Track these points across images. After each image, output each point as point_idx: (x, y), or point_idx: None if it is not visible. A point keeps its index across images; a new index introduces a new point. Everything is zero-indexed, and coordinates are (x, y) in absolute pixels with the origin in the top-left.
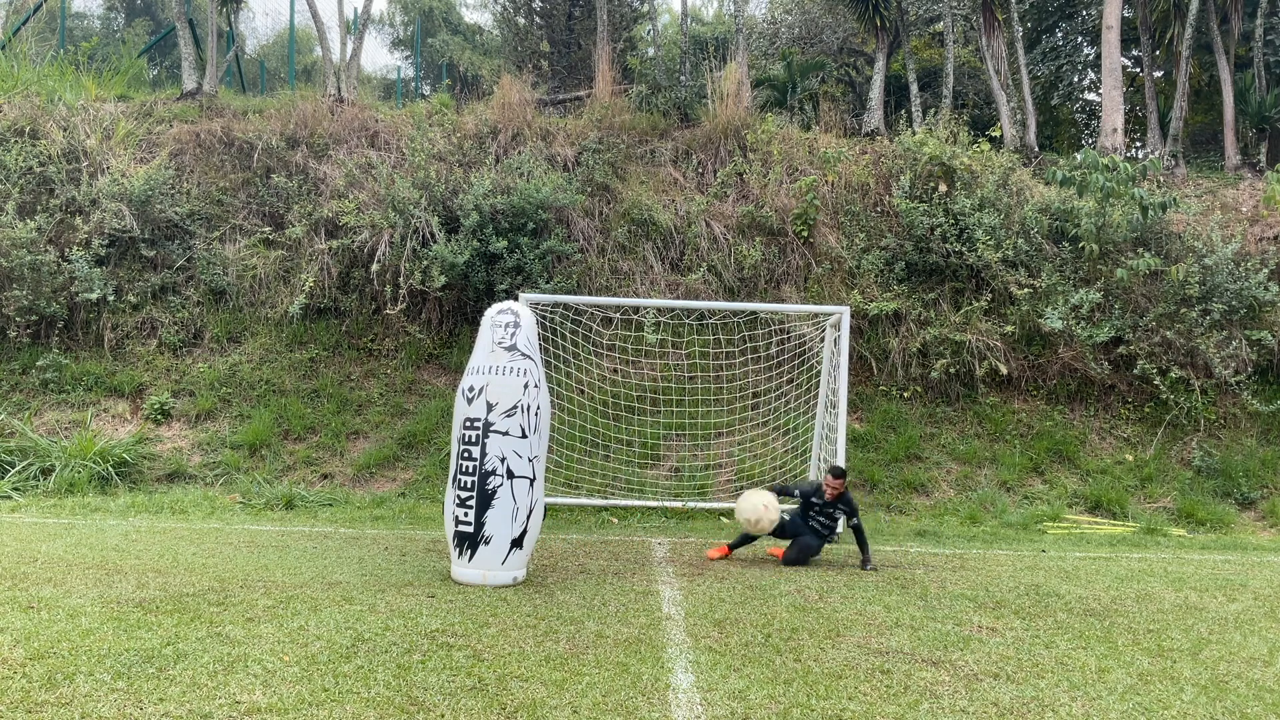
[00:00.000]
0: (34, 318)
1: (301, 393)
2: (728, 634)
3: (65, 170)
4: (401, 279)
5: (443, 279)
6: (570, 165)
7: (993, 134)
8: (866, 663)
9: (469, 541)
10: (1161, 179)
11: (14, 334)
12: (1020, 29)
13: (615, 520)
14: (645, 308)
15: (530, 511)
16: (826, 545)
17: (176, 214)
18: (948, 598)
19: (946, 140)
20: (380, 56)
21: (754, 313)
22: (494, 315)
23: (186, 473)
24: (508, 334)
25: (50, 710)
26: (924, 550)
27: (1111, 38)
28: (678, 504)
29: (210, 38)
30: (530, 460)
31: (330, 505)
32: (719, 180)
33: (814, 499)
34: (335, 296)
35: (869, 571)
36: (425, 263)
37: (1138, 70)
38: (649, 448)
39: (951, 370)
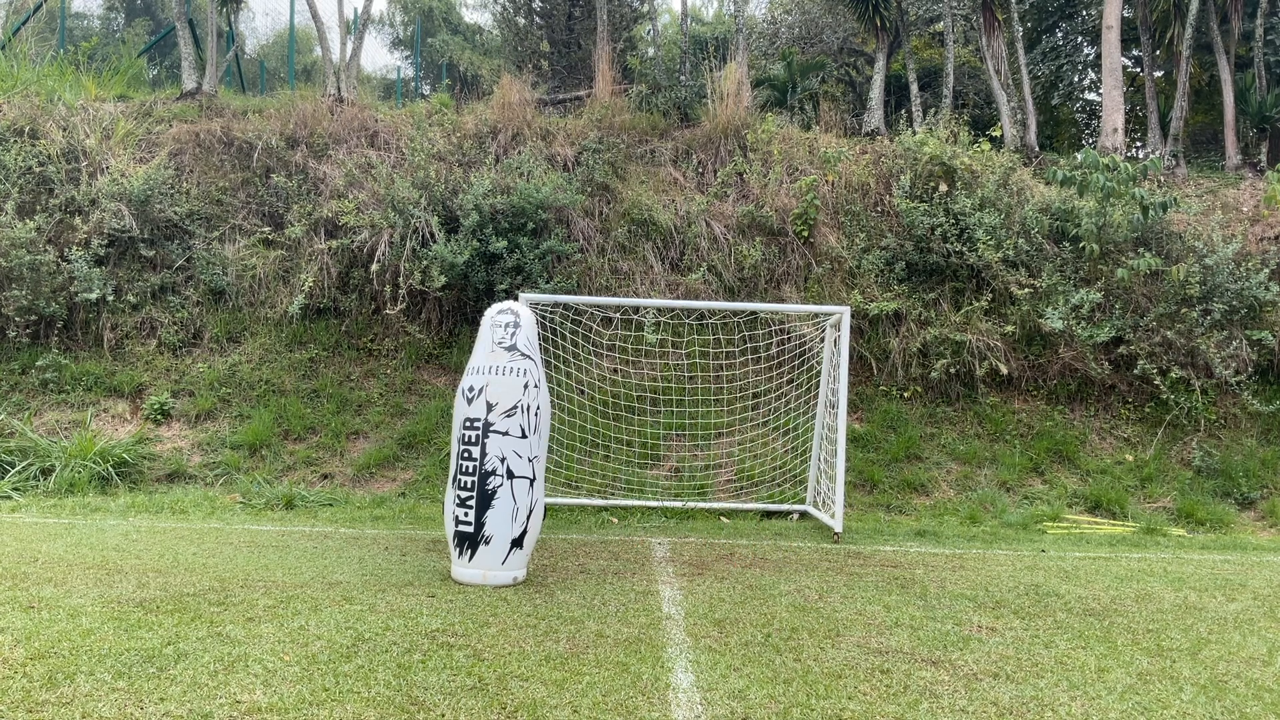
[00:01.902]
0: (33, 318)
1: (301, 393)
2: (728, 634)
3: (65, 170)
4: (401, 279)
5: (442, 279)
6: (570, 165)
7: (993, 134)
8: (866, 663)
9: (469, 541)
10: (1162, 179)
11: (13, 334)
12: (1020, 29)
13: (615, 520)
14: (645, 308)
15: (530, 511)
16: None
17: (176, 214)
18: (948, 598)
19: (947, 140)
20: (380, 56)
21: (754, 313)
22: (494, 315)
23: (186, 473)
24: (508, 334)
25: (51, 710)
26: (924, 550)
27: (1111, 38)
28: (678, 504)
29: (210, 38)
30: (530, 460)
31: (330, 505)
32: (719, 180)
33: None
34: (335, 296)
35: None
36: (425, 263)
37: (1138, 70)
38: (649, 448)
39: (951, 370)
